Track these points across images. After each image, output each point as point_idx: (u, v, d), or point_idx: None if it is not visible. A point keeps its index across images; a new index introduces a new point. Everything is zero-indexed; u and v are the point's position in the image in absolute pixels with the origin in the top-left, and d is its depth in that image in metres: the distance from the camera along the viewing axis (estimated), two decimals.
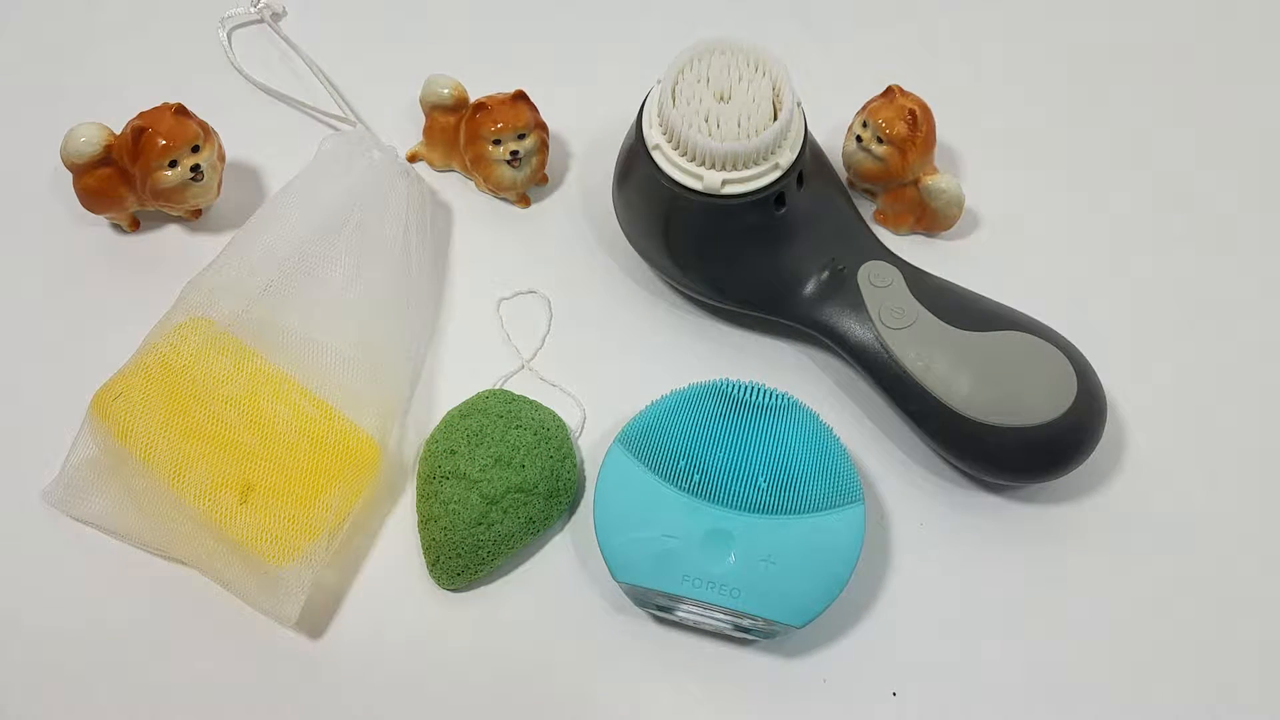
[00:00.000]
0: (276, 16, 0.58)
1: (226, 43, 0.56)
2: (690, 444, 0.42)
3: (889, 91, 0.49)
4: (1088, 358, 0.44)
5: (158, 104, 0.48)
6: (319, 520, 0.42)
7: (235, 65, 0.56)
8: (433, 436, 0.45)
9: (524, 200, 0.53)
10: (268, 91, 0.55)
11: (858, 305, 0.45)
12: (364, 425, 0.44)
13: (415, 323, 0.48)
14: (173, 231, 0.52)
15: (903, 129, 0.48)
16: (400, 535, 0.45)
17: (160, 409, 0.42)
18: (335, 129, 0.54)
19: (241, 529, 0.41)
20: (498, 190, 0.52)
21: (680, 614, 0.42)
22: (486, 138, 0.49)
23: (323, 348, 0.45)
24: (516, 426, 0.44)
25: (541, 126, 0.50)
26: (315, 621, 0.43)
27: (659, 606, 0.42)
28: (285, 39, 0.56)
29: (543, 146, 0.51)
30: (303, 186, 0.48)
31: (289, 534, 0.41)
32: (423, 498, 0.44)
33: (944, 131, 0.50)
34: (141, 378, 0.43)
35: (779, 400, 0.43)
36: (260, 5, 0.57)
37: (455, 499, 0.43)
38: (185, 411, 0.42)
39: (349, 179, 0.48)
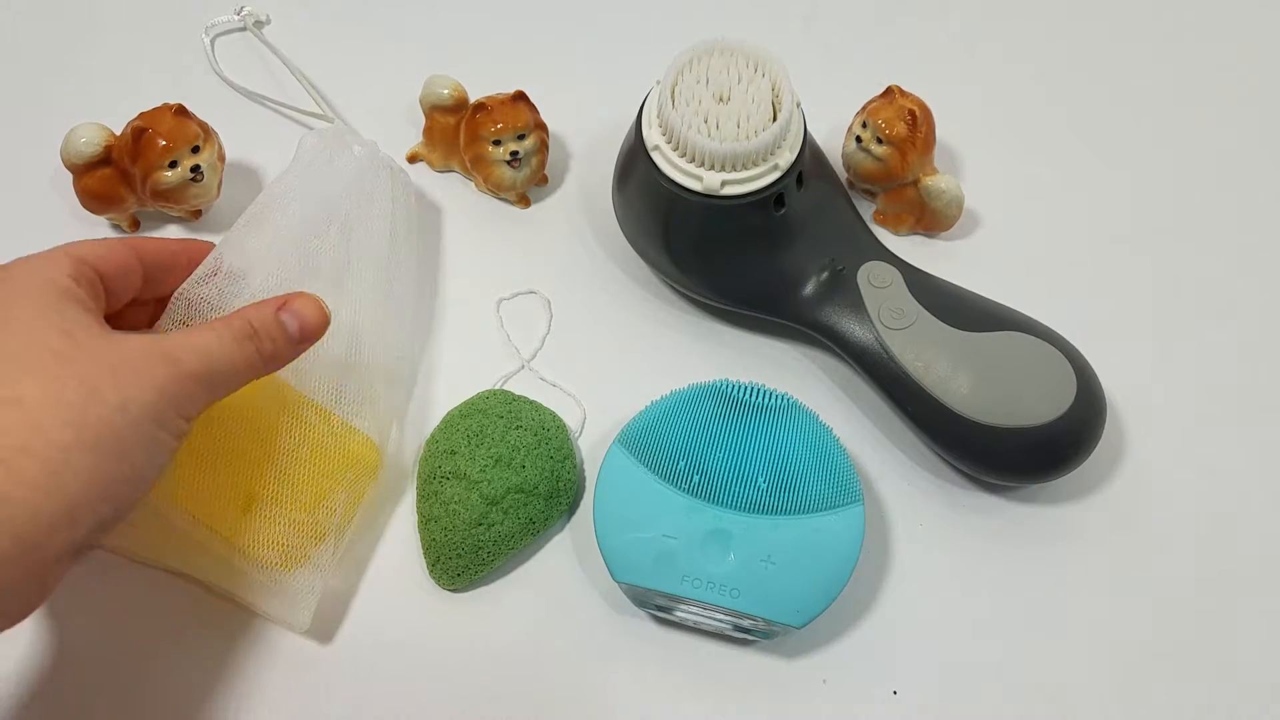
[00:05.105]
0: (260, 24, 0.57)
1: (210, 50, 0.56)
2: (690, 444, 0.42)
3: (889, 92, 0.49)
4: (1087, 358, 0.44)
5: (158, 104, 0.48)
6: (324, 526, 0.42)
7: (218, 72, 0.56)
8: (433, 437, 0.45)
9: (524, 201, 0.53)
10: (250, 96, 0.55)
11: (857, 305, 0.46)
12: (363, 429, 0.44)
13: (406, 321, 0.47)
14: (173, 232, 0.52)
15: (902, 129, 0.48)
16: (401, 535, 0.45)
17: None
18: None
19: (247, 538, 0.41)
20: (498, 191, 0.52)
21: (680, 614, 0.42)
22: (486, 138, 0.49)
23: (316, 352, 0.44)
24: (517, 427, 0.44)
25: (541, 127, 0.51)
26: (316, 621, 0.43)
27: (659, 607, 0.42)
28: (267, 44, 0.56)
29: (543, 147, 0.51)
30: (284, 187, 0.46)
31: (295, 541, 0.41)
32: (423, 498, 0.44)
33: (944, 131, 0.50)
34: None
35: (779, 401, 0.43)
36: (244, 12, 0.57)
37: (455, 499, 0.43)
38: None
39: (331, 176, 0.46)
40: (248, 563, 0.41)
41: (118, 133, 0.48)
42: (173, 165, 0.47)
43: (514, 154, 0.49)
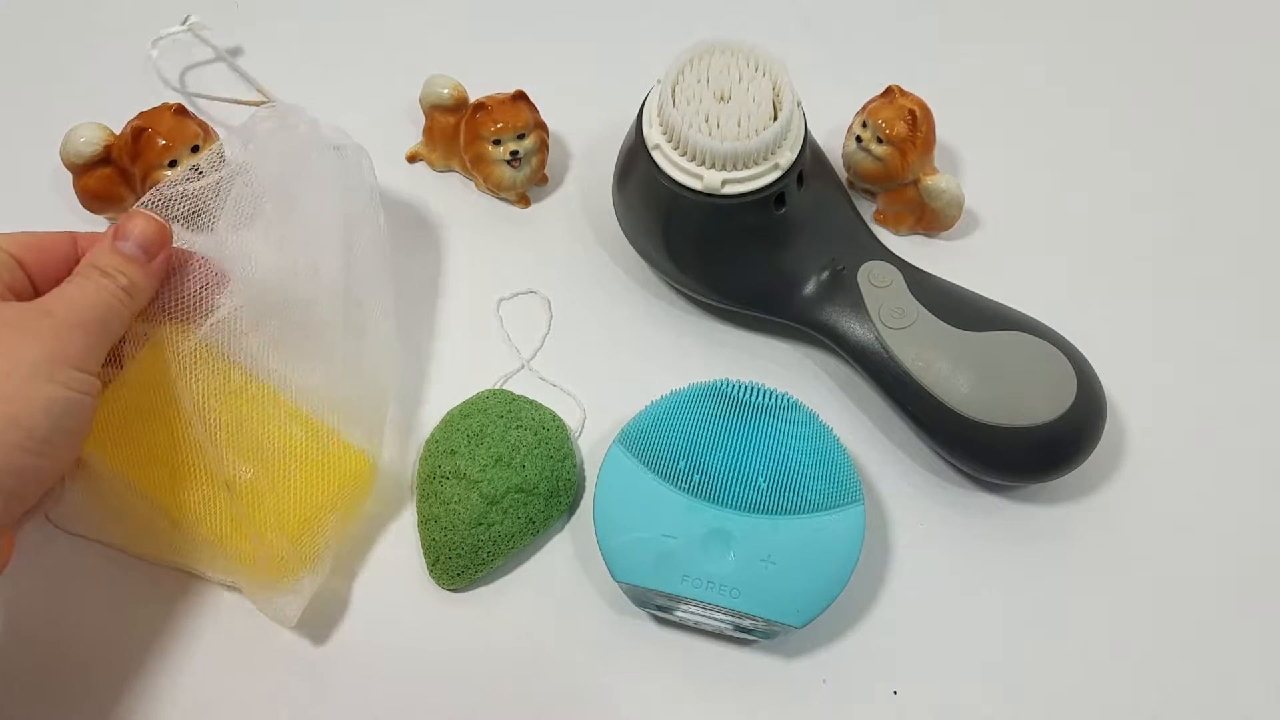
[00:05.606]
0: (204, 28, 0.56)
1: (154, 59, 0.55)
2: (690, 444, 0.42)
3: (889, 91, 0.49)
4: (1087, 358, 0.44)
5: (157, 104, 0.48)
6: (318, 543, 0.41)
7: (163, 78, 0.55)
8: (433, 436, 0.45)
9: (524, 200, 0.53)
10: (200, 97, 0.54)
11: (858, 305, 0.45)
12: (352, 438, 0.43)
13: (381, 315, 0.45)
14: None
15: (903, 129, 0.48)
16: (400, 535, 0.45)
17: (148, 437, 0.41)
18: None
19: (242, 555, 0.41)
20: (498, 190, 0.52)
21: (680, 614, 0.42)
22: (486, 138, 0.49)
23: (296, 357, 0.43)
24: (517, 426, 0.44)
25: (541, 126, 0.51)
26: (316, 621, 0.43)
27: (659, 607, 0.42)
28: (209, 44, 0.56)
29: (543, 146, 0.51)
30: (235, 180, 0.43)
31: (289, 559, 0.41)
32: (423, 497, 0.44)
33: (944, 131, 0.50)
34: (123, 406, 0.41)
35: (779, 400, 0.43)
36: (189, 22, 0.55)
37: (455, 499, 0.43)
38: (174, 441, 0.41)
39: (275, 159, 0.44)
40: (242, 571, 0.41)
41: (118, 132, 0.48)
42: (172, 165, 0.47)
43: (514, 154, 0.49)
